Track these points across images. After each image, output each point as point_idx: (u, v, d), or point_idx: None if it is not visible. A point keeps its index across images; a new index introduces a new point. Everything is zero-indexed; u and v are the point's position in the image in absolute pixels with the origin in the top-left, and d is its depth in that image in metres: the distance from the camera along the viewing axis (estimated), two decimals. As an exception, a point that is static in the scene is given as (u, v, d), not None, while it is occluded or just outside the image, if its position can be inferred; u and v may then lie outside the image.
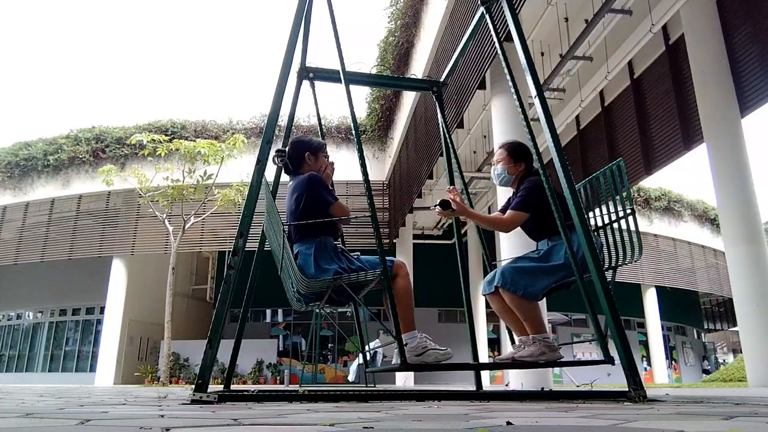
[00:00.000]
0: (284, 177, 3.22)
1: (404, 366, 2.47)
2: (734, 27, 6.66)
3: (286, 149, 2.92)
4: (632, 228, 2.59)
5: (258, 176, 2.44)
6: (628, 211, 2.59)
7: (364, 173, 2.73)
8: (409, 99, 10.98)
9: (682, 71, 7.80)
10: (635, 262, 2.67)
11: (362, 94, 16.71)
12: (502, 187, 3.17)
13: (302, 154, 2.89)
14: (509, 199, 3.08)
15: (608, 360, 2.49)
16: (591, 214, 2.84)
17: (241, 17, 68.28)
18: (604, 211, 2.74)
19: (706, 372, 22.00)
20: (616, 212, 2.66)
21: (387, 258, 2.71)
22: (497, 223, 2.98)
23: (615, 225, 2.69)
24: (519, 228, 2.95)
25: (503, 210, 3.03)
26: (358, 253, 2.83)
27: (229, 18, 67.14)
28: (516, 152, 3.06)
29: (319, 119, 3.91)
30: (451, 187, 2.95)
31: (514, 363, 2.86)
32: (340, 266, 2.65)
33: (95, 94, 62.80)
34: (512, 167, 3.02)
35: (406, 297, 2.71)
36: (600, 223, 2.79)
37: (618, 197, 2.62)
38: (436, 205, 2.83)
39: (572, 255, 2.54)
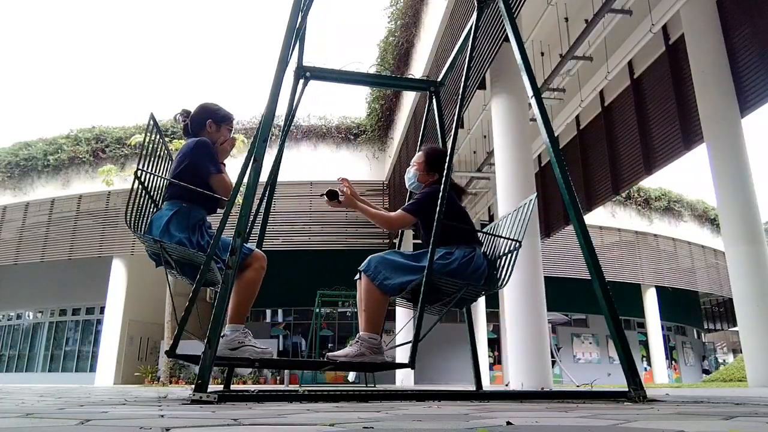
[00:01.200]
0: (281, 177, 3.23)
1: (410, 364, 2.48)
2: (734, 27, 6.66)
3: (191, 110, 2.90)
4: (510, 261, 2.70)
5: (255, 175, 2.44)
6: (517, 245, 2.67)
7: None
8: (409, 99, 10.97)
9: (682, 71, 7.80)
10: (494, 291, 2.89)
11: (362, 94, 16.70)
12: (410, 190, 3.16)
13: (205, 119, 2.87)
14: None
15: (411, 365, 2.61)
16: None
17: (241, 17, 68.28)
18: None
19: (706, 372, 22.00)
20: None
21: (245, 247, 2.63)
22: (383, 220, 2.92)
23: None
24: None
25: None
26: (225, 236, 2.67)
27: (228, 18, 67.16)
28: (433, 161, 3.02)
29: (293, 117, 3.83)
30: (343, 177, 2.91)
31: (327, 361, 2.70)
32: (188, 238, 2.59)
33: (95, 94, 62.81)
34: (423, 175, 3.01)
35: (246, 289, 2.64)
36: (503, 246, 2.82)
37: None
38: (323, 194, 2.79)
39: (430, 258, 2.55)
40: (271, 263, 2.81)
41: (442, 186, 2.72)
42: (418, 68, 9.96)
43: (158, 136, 2.73)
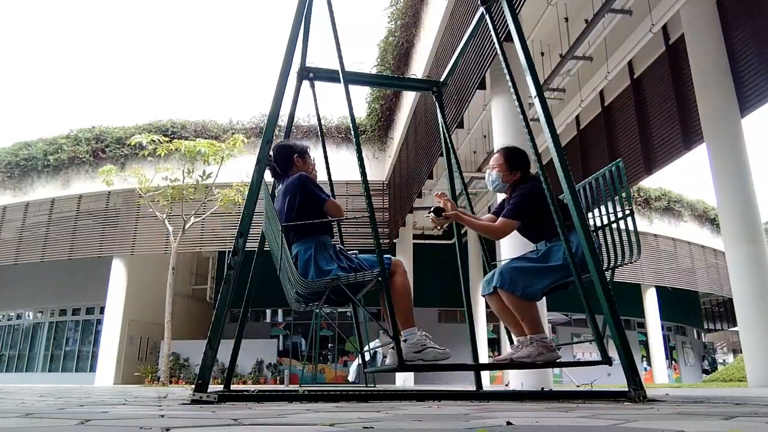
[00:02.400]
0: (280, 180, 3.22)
1: (401, 366, 2.47)
2: (734, 27, 6.66)
3: (272, 153, 2.94)
4: (631, 228, 2.60)
5: (258, 176, 2.44)
6: (627, 212, 2.59)
7: (363, 173, 2.73)
8: (409, 99, 10.97)
9: (682, 71, 7.80)
10: (634, 262, 2.68)
11: (362, 94, 16.73)
12: (495, 192, 3.17)
13: (290, 156, 2.94)
14: (502, 202, 3.07)
15: (606, 361, 2.48)
16: (590, 214, 2.84)
17: (241, 17, 68.28)
18: (603, 211, 2.74)
19: (706, 372, 22.00)
20: (615, 213, 2.66)
21: (385, 256, 2.70)
22: (488, 230, 2.95)
23: (614, 226, 2.69)
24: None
25: (496, 213, 3.02)
26: (356, 251, 2.83)
27: (229, 18, 67.15)
28: (513, 159, 3.03)
29: (319, 119, 3.92)
30: (439, 192, 2.94)
31: (513, 363, 2.85)
32: (339, 265, 2.65)
33: (95, 94, 62.81)
34: (507, 175, 3.00)
35: (404, 294, 2.71)
36: (599, 224, 2.79)
37: (617, 198, 2.62)
38: (430, 212, 2.83)
39: (571, 256, 2.54)
40: (271, 263, 2.81)
41: (541, 180, 2.69)
42: (418, 68, 9.96)
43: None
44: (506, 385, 10.15)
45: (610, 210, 2.70)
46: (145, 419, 1.36)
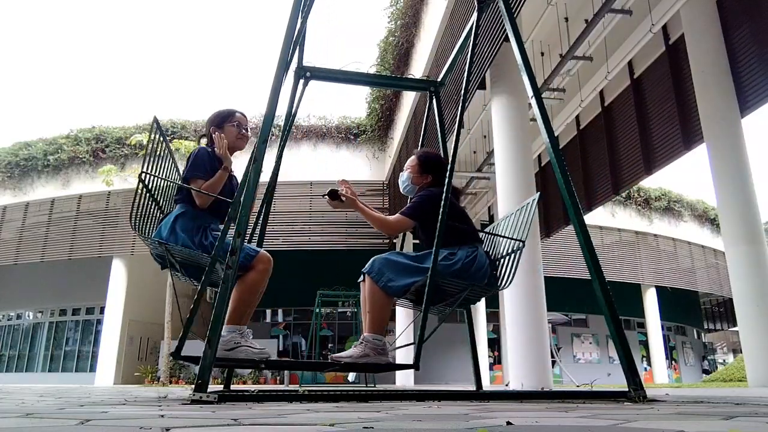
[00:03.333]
0: (281, 177, 3.23)
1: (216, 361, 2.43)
2: (734, 27, 6.66)
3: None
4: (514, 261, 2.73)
5: (254, 175, 2.44)
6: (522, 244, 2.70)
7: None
8: (409, 99, 10.97)
9: (682, 71, 7.80)
10: (498, 291, 2.90)
11: (362, 94, 16.71)
12: (404, 194, 3.17)
13: (210, 132, 2.93)
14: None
15: (416, 366, 2.59)
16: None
17: (241, 17, 68.28)
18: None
19: (707, 372, 22.00)
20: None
21: (251, 247, 2.68)
22: (383, 224, 2.91)
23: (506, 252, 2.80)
24: None
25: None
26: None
27: (228, 18, 67.14)
28: (426, 164, 3.05)
29: (294, 116, 3.80)
30: (342, 179, 2.91)
31: (332, 362, 2.71)
32: (192, 239, 2.62)
33: (95, 94, 62.80)
34: (417, 177, 3.03)
35: (247, 291, 2.65)
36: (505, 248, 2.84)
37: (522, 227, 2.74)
38: (325, 195, 2.80)
39: (434, 260, 2.57)
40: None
41: (445, 187, 2.73)
42: (418, 68, 9.96)
43: (161, 138, 2.75)
44: (506, 385, 10.15)
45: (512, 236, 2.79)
46: (145, 419, 1.36)
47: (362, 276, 2.79)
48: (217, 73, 68.40)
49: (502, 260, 2.82)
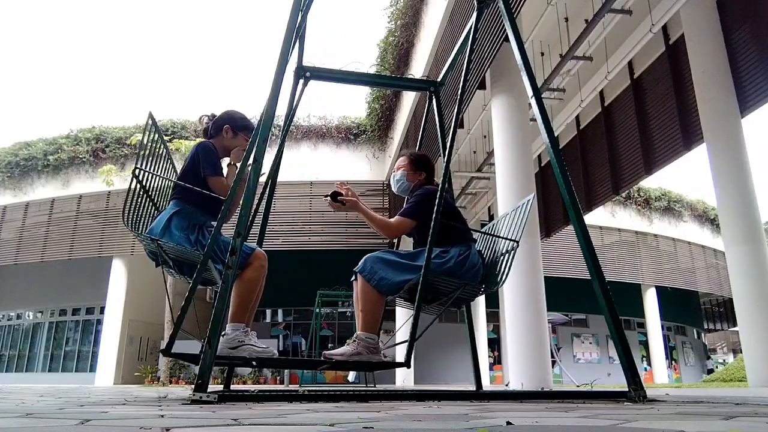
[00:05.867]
0: (281, 177, 3.23)
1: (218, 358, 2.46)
2: (734, 27, 6.66)
3: (217, 114, 2.94)
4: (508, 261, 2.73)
5: (254, 175, 2.44)
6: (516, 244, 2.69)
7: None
8: (409, 99, 10.97)
9: (682, 71, 7.80)
10: (491, 290, 2.92)
11: (362, 94, 16.71)
12: (398, 194, 3.18)
13: (223, 124, 2.90)
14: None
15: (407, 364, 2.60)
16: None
17: (241, 17, 68.28)
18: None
19: (711, 371, 22.00)
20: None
21: (246, 246, 2.64)
22: (383, 226, 2.91)
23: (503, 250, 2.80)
24: None
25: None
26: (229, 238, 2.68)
27: (228, 18, 67.15)
28: (417, 161, 3.08)
29: (292, 116, 3.80)
30: (341, 182, 2.92)
31: (324, 360, 2.71)
32: (186, 237, 2.61)
33: (95, 94, 62.81)
34: (411, 175, 3.04)
35: (246, 288, 2.64)
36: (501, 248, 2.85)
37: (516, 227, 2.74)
38: (326, 196, 2.80)
39: (428, 258, 2.56)
40: (271, 263, 2.81)
41: (439, 186, 2.74)
42: (418, 68, 9.96)
43: (157, 136, 2.74)
44: (506, 385, 10.15)
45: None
46: (145, 419, 1.36)
47: (354, 275, 2.78)
48: (217, 72, 68.41)
49: (497, 260, 2.82)
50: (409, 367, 2.58)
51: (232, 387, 3.79)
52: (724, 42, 6.64)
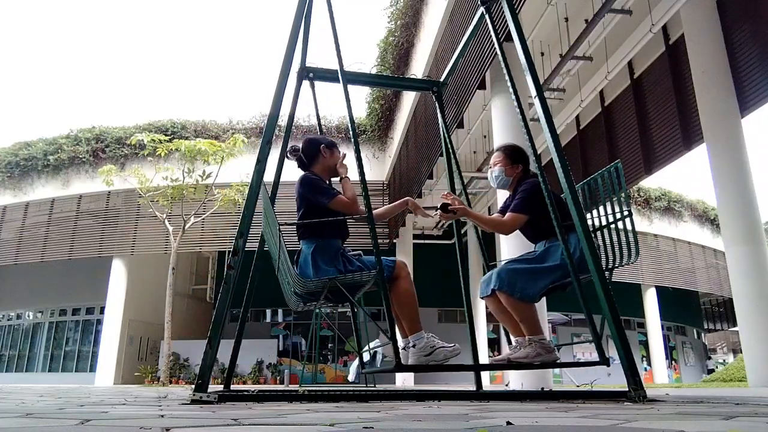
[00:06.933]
0: (284, 177, 3.23)
1: (398, 367, 2.46)
2: (734, 27, 6.66)
3: (300, 145, 2.96)
4: (629, 229, 2.60)
5: (258, 176, 2.44)
6: (626, 213, 2.60)
7: (361, 174, 2.74)
8: (409, 99, 10.97)
9: (682, 71, 7.80)
10: (632, 263, 2.68)
11: (362, 94, 16.71)
12: (499, 189, 3.17)
13: (317, 148, 2.95)
14: (506, 201, 3.08)
15: (604, 362, 2.49)
16: (589, 215, 2.84)
17: (241, 17, 68.29)
18: (602, 212, 2.74)
19: (712, 371, 22.00)
20: (614, 214, 2.66)
21: (388, 258, 2.70)
22: (498, 225, 2.97)
23: (612, 226, 2.70)
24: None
25: (502, 211, 3.03)
26: (360, 252, 2.83)
27: (229, 18, 67.16)
28: (513, 154, 3.07)
29: (319, 119, 3.92)
30: (447, 192, 2.95)
31: (510, 364, 2.86)
32: (337, 268, 2.65)
33: (95, 94, 62.81)
34: (510, 169, 3.03)
35: (408, 298, 2.70)
36: (598, 224, 2.80)
37: (616, 198, 2.63)
38: (437, 209, 2.83)
39: (569, 256, 2.54)
40: (271, 263, 2.80)
41: (541, 178, 2.71)
42: (418, 68, 9.96)
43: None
44: (506, 385, 10.15)
45: (609, 211, 2.69)
46: (145, 419, 1.36)
47: (488, 291, 2.84)
48: (218, 73, 68.42)
49: (607, 231, 2.73)
50: (608, 365, 2.51)
51: (232, 387, 3.79)
52: (724, 42, 6.64)
